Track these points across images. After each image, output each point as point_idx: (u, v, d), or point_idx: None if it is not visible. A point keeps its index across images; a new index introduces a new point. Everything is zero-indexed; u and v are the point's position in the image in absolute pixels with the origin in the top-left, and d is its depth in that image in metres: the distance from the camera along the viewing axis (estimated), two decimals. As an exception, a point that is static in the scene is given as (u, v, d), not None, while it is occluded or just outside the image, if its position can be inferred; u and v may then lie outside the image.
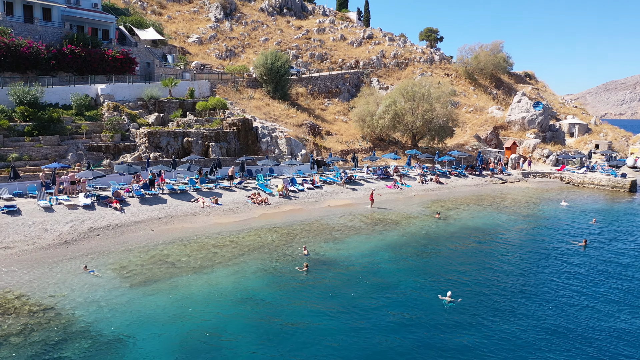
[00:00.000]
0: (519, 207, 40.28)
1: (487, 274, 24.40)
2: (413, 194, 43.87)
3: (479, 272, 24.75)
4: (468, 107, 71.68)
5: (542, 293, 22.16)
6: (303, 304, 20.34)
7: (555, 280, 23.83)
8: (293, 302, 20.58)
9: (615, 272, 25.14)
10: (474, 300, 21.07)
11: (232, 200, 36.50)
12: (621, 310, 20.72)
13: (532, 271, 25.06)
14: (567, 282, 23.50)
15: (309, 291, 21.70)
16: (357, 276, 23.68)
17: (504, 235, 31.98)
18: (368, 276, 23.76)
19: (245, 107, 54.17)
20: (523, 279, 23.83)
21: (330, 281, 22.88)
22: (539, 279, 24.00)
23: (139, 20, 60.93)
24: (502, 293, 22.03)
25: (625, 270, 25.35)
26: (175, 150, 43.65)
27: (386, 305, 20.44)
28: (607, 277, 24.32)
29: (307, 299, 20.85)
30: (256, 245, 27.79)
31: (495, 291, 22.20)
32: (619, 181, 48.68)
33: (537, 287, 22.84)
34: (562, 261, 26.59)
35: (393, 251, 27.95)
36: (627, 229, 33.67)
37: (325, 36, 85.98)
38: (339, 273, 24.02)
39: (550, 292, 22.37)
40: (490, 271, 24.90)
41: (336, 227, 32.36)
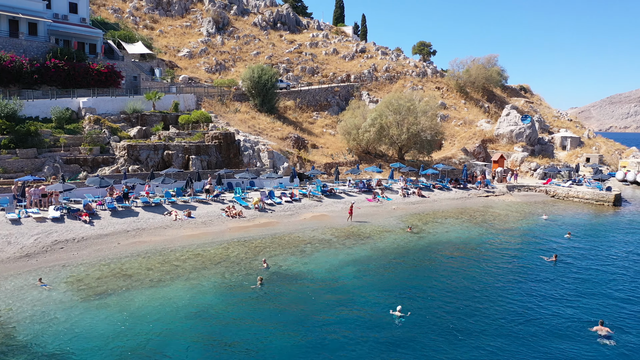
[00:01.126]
0: (498, 221, 39.97)
1: (447, 290, 24.09)
2: (393, 207, 43.65)
3: (440, 287, 24.45)
4: (457, 120, 71.64)
5: (499, 312, 21.72)
6: (252, 321, 20.09)
7: (515, 297, 23.47)
8: (243, 318, 20.33)
9: (581, 289, 24.69)
10: (427, 316, 20.77)
11: (206, 213, 36.41)
12: (581, 330, 20.34)
13: (493, 288, 24.68)
14: (528, 300, 23.11)
15: (260, 307, 21.46)
16: (315, 291, 23.43)
17: (475, 250, 31.68)
18: (326, 291, 23.50)
19: (230, 121, 54.32)
20: (482, 296, 23.46)
21: (286, 296, 22.64)
22: (499, 296, 23.63)
23: (128, 35, 61.49)
24: (456, 310, 21.67)
25: (591, 287, 24.91)
26: (155, 163, 43.70)
27: (337, 322, 20.17)
28: (571, 295, 23.91)
29: (257, 315, 20.60)
30: (220, 258, 27.64)
31: (450, 308, 21.85)
32: (603, 195, 48.30)
33: (494, 305, 22.46)
34: (527, 277, 26.21)
35: (358, 266, 27.69)
36: (598, 244, 33.26)
37: (317, 50, 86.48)
38: (298, 288, 23.79)
39: (507, 310, 21.99)
40: (451, 287, 24.57)
41: (307, 240, 32.16)
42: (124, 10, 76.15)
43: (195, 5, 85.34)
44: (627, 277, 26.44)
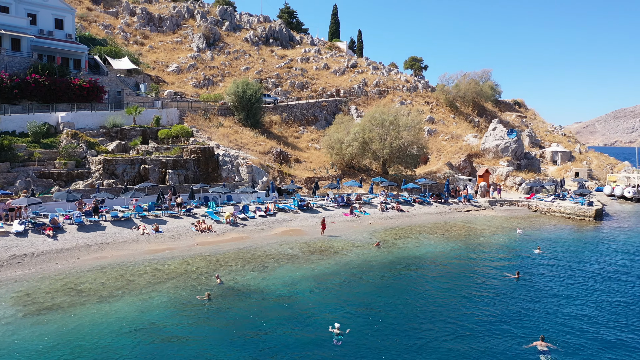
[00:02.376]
0: (472, 236, 39.58)
1: (399, 307, 23.69)
2: (369, 222, 43.38)
3: (392, 304, 24.06)
4: (445, 135, 71.52)
5: (441, 329, 21.24)
6: (193, 337, 19.78)
7: (464, 314, 23.02)
8: (185, 335, 20.01)
9: (534, 306, 24.13)
10: (367, 334, 20.42)
11: (176, 228, 36.29)
12: (521, 345, 19.94)
13: (447, 305, 24.13)
14: (477, 317, 22.68)
15: (205, 323, 21.16)
16: (266, 307, 23.12)
17: (442, 265, 31.30)
18: (277, 307, 23.18)
19: (212, 135, 54.46)
20: (432, 314, 23.00)
21: (233, 312, 22.34)
22: (449, 313, 23.09)
23: (115, 50, 62.07)
24: (399, 327, 21.27)
25: (543, 305, 24.36)
26: (131, 178, 43.75)
27: (276, 338, 19.85)
28: (522, 312, 23.44)
29: (199, 332, 20.32)
30: (178, 273, 27.44)
31: (395, 326, 21.47)
32: (584, 209, 47.84)
33: (440, 322, 21.99)
34: (485, 295, 25.71)
35: (317, 281, 27.36)
36: (566, 260, 32.72)
37: (308, 65, 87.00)
38: (248, 304, 23.48)
39: (450, 327, 21.53)
40: (404, 304, 24.17)
41: (272, 255, 31.93)
42: (115, 27, 77.06)
43: (187, 22, 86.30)
44: (583, 295, 25.83)
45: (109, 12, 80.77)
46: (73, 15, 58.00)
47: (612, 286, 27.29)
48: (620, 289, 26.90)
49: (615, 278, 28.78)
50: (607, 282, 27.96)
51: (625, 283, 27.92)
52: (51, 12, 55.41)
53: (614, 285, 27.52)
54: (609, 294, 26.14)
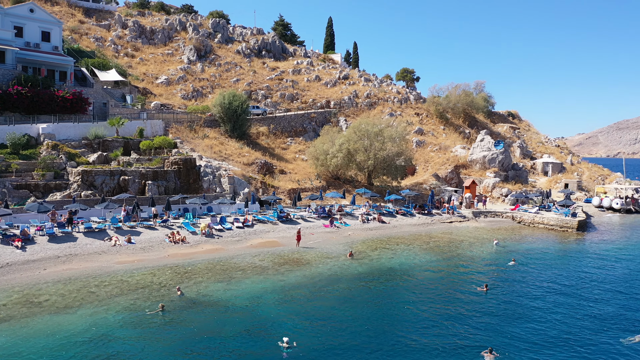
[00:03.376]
0: (450, 248, 39.25)
1: (360, 320, 23.40)
2: (349, 233, 43.13)
3: (353, 317, 23.76)
4: (434, 146, 71.39)
5: (394, 342, 20.99)
6: (141, 351, 19.59)
7: (424, 328, 22.73)
8: (135, 347, 19.82)
9: (499, 321, 23.80)
10: (316, 348, 20.13)
11: (149, 239, 36.14)
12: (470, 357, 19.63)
13: (407, 319, 23.83)
14: (438, 333, 22.36)
15: (158, 335, 20.96)
16: (224, 320, 22.86)
17: (412, 277, 31.00)
18: (236, 320, 22.89)
19: (197, 146, 54.49)
20: (389, 327, 22.75)
21: (188, 325, 22.07)
22: (408, 327, 22.84)
23: (102, 62, 62.45)
24: (351, 341, 20.99)
25: (504, 320, 23.99)
26: (110, 189, 43.73)
27: (226, 355, 19.59)
28: (483, 325, 23.14)
29: (149, 345, 20.09)
30: (142, 285, 27.24)
31: (347, 339, 21.21)
32: (567, 221, 47.48)
33: (398, 337, 21.71)
34: (449, 308, 25.34)
35: (283, 293, 27.12)
36: (538, 273, 32.33)
37: (299, 77, 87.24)
38: (206, 316, 23.24)
39: (409, 341, 21.25)
40: (365, 317, 23.91)
41: (242, 266, 31.72)
42: (106, 39, 77.65)
43: (178, 34, 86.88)
44: (543, 309, 25.24)
45: (101, 25, 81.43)
46: (60, 28, 58.45)
47: (573, 301, 26.55)
48: (580, 304, 26.21)
49: (576, 294, 27.97)
50: (570, 297, 27.35)
51: (588, 298, 27.15)
52: (38, 25, 55.86)
53: (575, 300, 26.76)
54: (567, 308, 25.48)
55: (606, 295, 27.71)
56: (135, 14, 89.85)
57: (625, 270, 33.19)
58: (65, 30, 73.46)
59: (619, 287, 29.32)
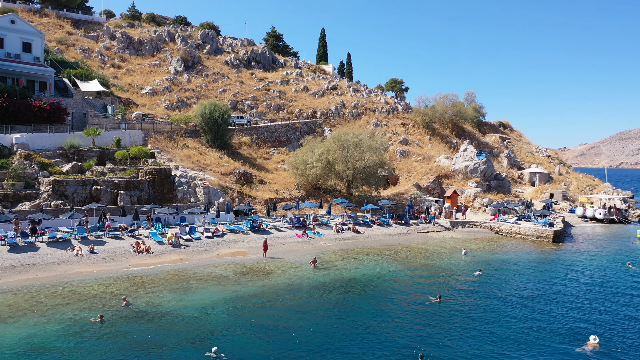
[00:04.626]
0: (419, 258, 38.85)
1: (310, 330, 23.07)
2: (321, 243, 42.83)
3: (303, 327, 23.44)
4: (418, 156, 71.16)
5: (336, 355, 20.73)
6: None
7: (367, 340, 22.41)
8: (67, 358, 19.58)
9: (440, 333, 23.38)
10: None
11: (113, 249, 35.92)
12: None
13: (355, 329, 23.53)
14: (380, 345, 22.02)
15: (93, 347, 20.68)
16: (167, 331, 22.54)
17: (372, 288, 30.67)
18: (180, 331, 22.56)
19: (175, 156, 54.44)
20: (334, 337, 22.45)
21: (128, 335, 21.76)
22: (352, 338, 22.53)
23: (85, 73, 62.71)
24: (299, 352, 20.73)
25: (450, 332, 23.57)
26: (82, 199, 43.62)
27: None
28: (425, 337, 22.76)
29: (83, 357, 19.82)
30: (92, 295, 26.96)
31: (294, 352, 20.92)
32: (543, 231, 47.07)
33: (337, 347, 21.44)
34: (400, 320, 24.96)
35: (237, 303, 26.82)
36: (500, 284, 31.89)
37: (287, 87, 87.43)
38: (148, 326, 22.92)
39: (351, 354, 20.96)
40: (316, 327, 23.57)
41: (201, 277, 31.44)
42: (93, 50, 78.09)
43: (167, 45, 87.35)
44: (491, 320, 24.67)
45: (90, 36, 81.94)
46: (42, 39, 58.79)
47: (523, 313, 25.91)
48: (529, 316, 25.57)
49: (530, 306, 27.28)
50: (522, 309, 26.74)
51: (539, 310, 26.55)
52: (19, 36, 56.21)
53: (525, 312, 26.07)
54: (514, 320, 24.94)
55: (559, 308, 27.12)
56: (125, 26, 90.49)
57: (586, 282, 32.71)
58: (52, 41, 74.05)
59: (574, 299, 28.80)
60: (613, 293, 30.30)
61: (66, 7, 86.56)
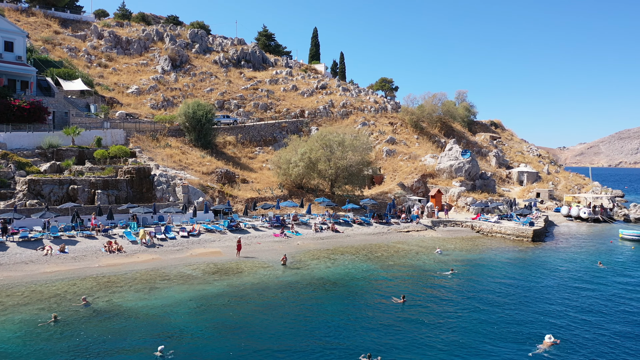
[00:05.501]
0: (394, 257, 38.68)
1: (270, 330, 22.94)
2: (298, 242, 42.66)
3: (263, 327, 23.34)
4: (404, 155, 70.97)
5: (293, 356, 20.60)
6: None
7: (322, 338, 22.28)
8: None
9: (398, 333, 23.30)
10: (202, 357, 19.69)
11: (85, 248, 35.77)
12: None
13: (314, 330, 23.39)
14: (329, 344, 21.88)
15: (44, 347, 20.53)
16: (122, 330, 22.39)
17: (340, 287, 30.48)
18: (136, 330, 22.40)
19: (157, 155, 54.25)
20: (286, 337, 22.30)
21: (76, 337, 21.55)
22: (308, 339, 22.32)
23: (69, 72, 62.50)
24: (251, 352, 20.61)
25: (406, 334, 23.43)
26: (58, 198, 43.46)
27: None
28: (382, 341, 22.63)
29: (29, 357, 19.67)
30: (55, 294, 26.81)
31: (239, 351, 20.79)
32: (523, 230, 46.91)
33: (294, 347, 21.30)
34: (362, 319, 24.79)
35: (201, 302, 26.62)
36: (471, 281, 31.81)
37: (276, 87, 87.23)
38: (105, 326, 22.74)
39: (303, 351, 20.83)
40: (276, 326, 23.44)
41: (169, 276, 31.28)
42: (80, 49, 77.92)
43: (155, 44, 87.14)
44: (451, 321, 24.37)
45: (77, 36, 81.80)
46: (24, 38, 58.60)
47: (486, 313, 25.68)
48: (491, 315, 25.35)
49: (495, 304, 27.14)
50: (486, 307, 26.62)
51: (503, 309, 26.40)
52: (1, 35, 55.99)
53: (489, 312, 25.83)
54: (475, 320, 24.67)
55: (521, 308, 26.80)
56: (114, 25, 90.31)
57: (554, 281, 32.53)
58: (38, 40, 73.89)
59: (537, 299, 28.55)
60: (577, 292, 30.14)
61: (54, 7, 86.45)
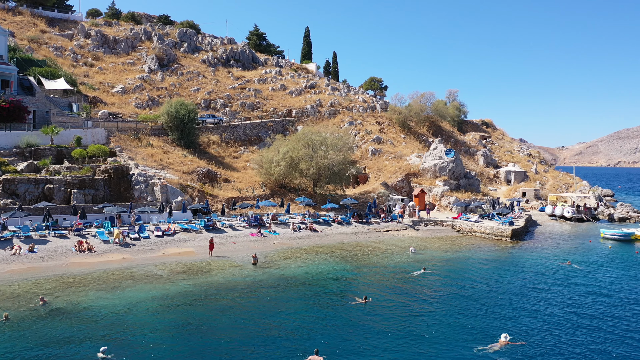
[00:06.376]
0: (369, 257, 38.47)
1: (228, 331, 22.75)
2: (274, 242, 42.47)
3: (222, 327, 23.17)
4: (389, 155, 70.77)
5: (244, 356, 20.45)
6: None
7: (275, 339, 22.11)
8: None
9: (352, 335, 23.11)
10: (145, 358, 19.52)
11: (55, 248, 35.57)
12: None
13: (265, 331, 23.25)
14: (283, 345, 21.73)
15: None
16: (77, 329, 22.19)
17: (308, 287, 30.23)
18: (90, 330, 22.21)
19: (136, 155, 54.01)
20: (244, 340, 22.14)
21: (27, 336, 21.33)
22: (263, 340, 22.19)
23: (52, 71, 62.31)
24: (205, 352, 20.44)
25: (356, 335, 23.25)
26: (34, 197, 43.28)
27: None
28: (336, 341, 22.46)
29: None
30: (16, 294, 26.62)
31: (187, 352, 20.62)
32: (502, 229, 46.75)
33: (246, 347, 21.14)
34: (321, 319, 24.60)
35: (163, 302, 26.40)
36: (439, 280, 31.68)
37: (264, 86, 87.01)
38: (59, 326, 22.54)
39: (254, 351, 20.66)
40: (235, 327, 23.27)
41: (136, 276, 31.09)
42: (66, 48, 77.72)
43: (142, 44, 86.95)
44: (409, 322, 23.98)
45: (64, 35, 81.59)
46: (5, 37, 58.40)
47: (447, 313, 25.46)
48: (449, 315, 25.14)
49: (458, 305, 27.04)
50: (448, 307, 26.49)
51: (464, 308, 26.25)
52: (-19, 34, 55.83)
53: (451, 313, 25.61)
54: (433, 321, 24.32)
55: (483, 307, 26.57)
56: (102, 24, 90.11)
57: (522, 281, 32.26)
58: (23, 39, 73.72)
59: (502, 298, 28.34)
60: (541, 291, 29.98)
61: (42, 6, 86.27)
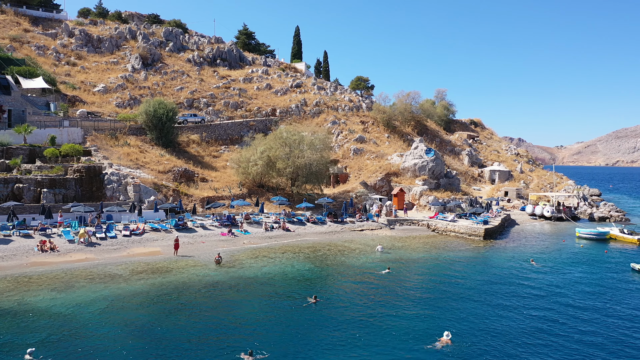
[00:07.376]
0: (337, 256, 38.19)
1: (174, 330, 22.55)
2: (244, 241, 42.22)
3: (162, 328, 22.93)
4: (371, 154, 70.49)
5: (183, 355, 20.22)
6: None
7: (219, 337, 21.88)
8: None
9: (293, 334, 22.89)
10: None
11: (16, 248, 35.31)
12: None
13: (220, 332, 23.03)
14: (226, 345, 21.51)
15: None
16: (18, 330, 21.97)
17: (266, 287, 29.92)
18: (34, 330, 21.97)
19: (112, 154, 53.72)
20: (192, 340, 21.92)
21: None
22: (210, 342, 21.98)
23: (30, 70, 62.03)
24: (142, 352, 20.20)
25: (299, 334, 23.07)
26: (3, 197, 43.00)
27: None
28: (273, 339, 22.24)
29: None
30: (-36, 294, 26.38)
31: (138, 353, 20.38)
32: (475, 229, 46.51)
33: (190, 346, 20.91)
34: (271, 318, 24.38)
35: (116, 302, 26.10)
36: (401, 280, 31.46)
37: (250, 85, 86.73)
38: (2, 327, 22.33)
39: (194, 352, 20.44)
40: (173, 328, 23.02)
41: (93, 276, 30.82)
42: (49, 47, 77.39)
43: (127, 43, 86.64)
44: (354, 326, 23.50)
45: (47, 34, 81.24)
46: (-18, 36, 58.06)
47: (399, 314, 25.09)
48: (404, 316, 24.88)
49: (411, 306, 26.81)
50: (401, 309, 26.22)
51: (420, 311, 25.97)
52: (-43, 33, 55.49)
53: (402, 312, 25.37)
54: (382, 318, 24.35)
55: (435, 307, 26.27)
56: (87, 23, 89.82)
57: (480, 280, 31.94)
58: (5, 38, 73.39)
59: (455, 298, 28.07)
60: (494, 290, 29.73)
61: (26, 5, 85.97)
